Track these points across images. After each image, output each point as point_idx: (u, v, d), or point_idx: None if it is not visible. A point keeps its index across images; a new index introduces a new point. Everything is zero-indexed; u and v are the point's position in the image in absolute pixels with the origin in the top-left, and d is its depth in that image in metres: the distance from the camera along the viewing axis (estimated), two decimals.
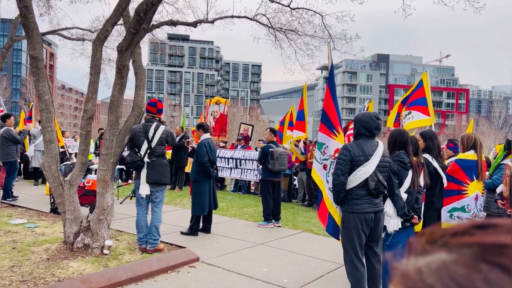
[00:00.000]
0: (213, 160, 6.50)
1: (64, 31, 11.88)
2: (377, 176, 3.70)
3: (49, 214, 7.30)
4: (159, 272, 4.54)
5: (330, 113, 4.46)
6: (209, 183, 6.47)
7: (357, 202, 3.71)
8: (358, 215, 3.71)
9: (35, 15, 5.10)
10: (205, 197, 6.41)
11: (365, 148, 3.74)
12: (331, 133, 4.41)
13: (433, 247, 0.40)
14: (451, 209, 4.91)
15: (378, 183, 3.69)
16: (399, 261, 0.42)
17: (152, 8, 4.84)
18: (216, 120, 12.60)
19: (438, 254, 0.39)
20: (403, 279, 0.39)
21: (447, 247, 0.39)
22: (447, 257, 0.38)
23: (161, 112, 5.58)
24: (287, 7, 9.00)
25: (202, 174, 6.43)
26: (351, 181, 3.72)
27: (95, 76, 5.16)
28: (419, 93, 6.59)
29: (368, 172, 3.68)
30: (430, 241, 0.41)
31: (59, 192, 5.08)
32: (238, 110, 60.56)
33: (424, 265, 0.39)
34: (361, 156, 3.70)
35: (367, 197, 3.71)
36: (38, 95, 5.11)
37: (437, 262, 0.38)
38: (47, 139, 5.13)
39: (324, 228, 4.59)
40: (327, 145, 4.42)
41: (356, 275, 3.75)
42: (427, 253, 0.40)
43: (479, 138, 5.10)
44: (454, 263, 0.37)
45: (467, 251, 0.38)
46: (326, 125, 4.46)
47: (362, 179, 3.68)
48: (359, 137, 3.83)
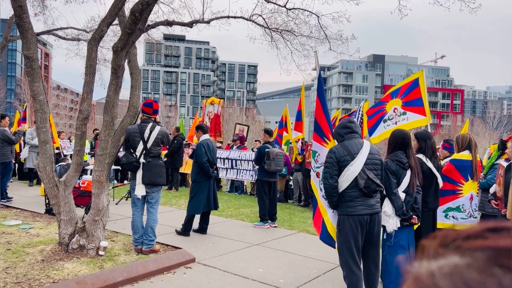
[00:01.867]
0: (212, 161, 6.50)
1: (59, 31, 11.84)
2: (366, 174, 3.68)
3: (44, 215, 7.26)
4: (155, 273, 4.53)
5: (321, 121, 4.51)
6: (208, 184, 6.47)
7: (351, 204, 3.69)
8: (353, 217, 3.68)
9: (29, 15, 5.07)
10: (202, 197, 6.41)
11: (350, 147, 3.75)
12: (322, 141, 4.45)
13: (445, 251, 0.40)
14: (446, 209, 4.93)
15: (368, 181, 3.66)
16: (411, 264, 0.41)
17: (147, 8, 4.82)
18: (211, 120, 12.60)
19: (451, 257, 0.38)
20: (416, 283, 0.39)
21: (459, 250, 0.39)
22: (460, 261, 0.38)
23: (156, 113, 5.56)
24: (283, 7, 9.00)
25: (201, 174, 6.44)
26: (342, 182, 3.72)
27: (90, 77, 5.13)
28: (415, 94, 6.59)
29: (356, 171, 3.67)
30: (442, 244, 0.41)
31: (54, 192, 5.05)
32: (234, 110, 60.55)
33: (436, 268, 0.38)
34: (346, 155, 3.71)
35: (360, 198, 3.69)
36: (32, 96, 5.08)
37: (449, 266, 0.38)
38: (42, 140, 5.10)
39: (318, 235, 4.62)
40: (319, 153, 4.46)
41: (352, 279, 3.71)
42: (439, 256, 0.39)
43: (473, 138, 5.13)
44: (467, 267, 0.37)
45: (481, 255, 0.37)
46: (318, 134, 4.51)
47: (351, 179, 3.68)
48: (343, 139, 3.86)
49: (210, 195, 6.48)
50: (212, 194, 6.52)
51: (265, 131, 8.07)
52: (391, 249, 3.97)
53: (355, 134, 3.87)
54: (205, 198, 6.42)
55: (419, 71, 6.72)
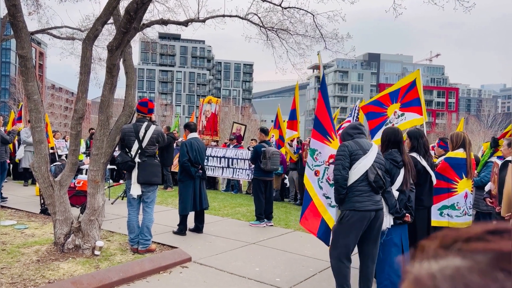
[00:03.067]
0: (195, 160, 6.41)
1: (54, 30, 11.77)
2: (376, 170, 3.75)
3: (39, 215, 7.22)
4: (151, 273, 4.52)
5: (323, 120, 4.48)
6: (193, 183, 6.41)
7: (358, 199, 3.70)
8: (360, 212, 3.69)
9: (23, 14, 5.04)
10: (187, 197, 6.38)
11: (362, 143, 3.84)
12: (325, 140, 4.43)
13: (446, 252, 0.39)
14: (441, 207, 4.95)
15: (377, 176, 3.74)
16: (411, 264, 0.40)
17: (142, 7, 4.81)
18: (208, 119, 12.59)
19: (452, 259, 0.38)
20: (416, 284, 0.38)
21: (461, 252, 0.38)
22: (461, 263, 0.37)
23: (152, 112, 5.55)
24: (279, 6, 9.00)
25: (184, 174, 6.43)
26: (351, 175, 3.74)
27: (85, 76, 5.11)
28: (412, 94, 6.61)
29: (367, 165, 3.73)
30: (443, 245, 0.40)
31: (49, 192, 5.02)
32: (230, 109, 60.45)
33: (437, 270, 0.38)
34: (359, 149, 3.78)
35: (368, 193, 3.71)
36: (27, 95, 5.05)
37: (451, 268, 0.37)
38: (36, 140, 5.07)
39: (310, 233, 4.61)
40: (320, 151, 4.43)
41: (341, 268, 3.75)
42: (440, 257, 0.39)
43: (467, 136, 5.16)
44: (469, 270, 0.36)
45: (482, 258, 0.36)
46: (319, 132, 4.48)
47: (362, 172, 3.71)
48: (352, 138, 3.90)
49: (196, 194, 6.42)
50: (198, 194, 6.45)
51: (260, 130, 8.07)
52: (384, 246, 3.99)
53: (364, 135, 4.00)
54: (191, 198, 6.38)
55: (416, 71, 6.71)
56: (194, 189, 6.41)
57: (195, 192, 6.42)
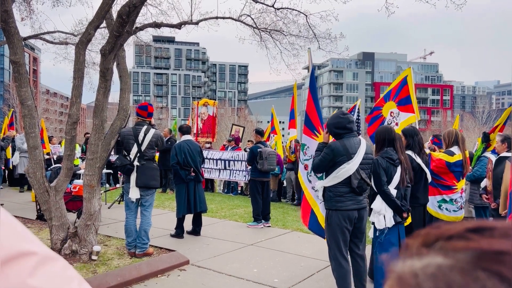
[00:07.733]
0: (186, 163, 6.33)
1: (47, 35, 11.71)
2: (360, 174, 3.76)
3: (35, 221, 7.19)
4: (149, 277, 4.51)
5: (311, 115, 4.56)
6: (186, 186, 6.37)
7: (340, 199, 3.76)
8: (342, 212, 3.76)
9: (16, 19, 5.02)
10: (180, 200, 6.36)
11: (348, 146, 3.79)
12: (312, 134, 4.49)
13: (428, 250, 0.39)
14: (440, 200, 5.02)
15: (361, 181, 3.76)
16: (394, 262, 0.40)
17: (134, 11, 4.80)
18: (204, 122, 12.58)
19: (434, 258, 0.38)
20: (399, 282, 0.38)
21: (443, 251, 0.38)
22: (443, 262, 0.37)
23: (151, 116, 5.54)
24: (271, 7, 9.01)
25: (177, 177, 6.43)
26: (334, 178, 3.77)
27: (78, 80, 5.10)
28: (404, 92, 6.63)
29: (352, 170, 3.73)
30: (425, 243, 0.40)
31: (45, 198, 5.00)
32: (226, 111, 60.34)
33: (420, 268, 0.37)
34: (344, 155, 3.76)
35: (349, 194, 3.76)
36: (20, 101, 5.03)
37: (433, 267, 0.37)
38: (31, 145, 5.05)
39: (306, 227, 4.70)
40: (308, 145, 4.51)
41: (340, 271, 3.81)
42: (423, 255, 0.39)
43: (460, 133, 5.20)
44: (451, 269, 0.36)
45: (464, 257, 0.36)
46: (308, 127, 4.56)
47: (345, 176, 3.74)
48: (341, 137, 3.89)
49: (190, 197, 6.38)
50: (193, 197, 6.40)
51: (256, 131, 8.08)
52: (382, 246, 4.00)
53: (354, 133, 3.95)
54: (185, 201, 6.35)
55: (407, 69, 6.75)
56: (188, 192, 6.37)
57: (189, 194, 6.38)
